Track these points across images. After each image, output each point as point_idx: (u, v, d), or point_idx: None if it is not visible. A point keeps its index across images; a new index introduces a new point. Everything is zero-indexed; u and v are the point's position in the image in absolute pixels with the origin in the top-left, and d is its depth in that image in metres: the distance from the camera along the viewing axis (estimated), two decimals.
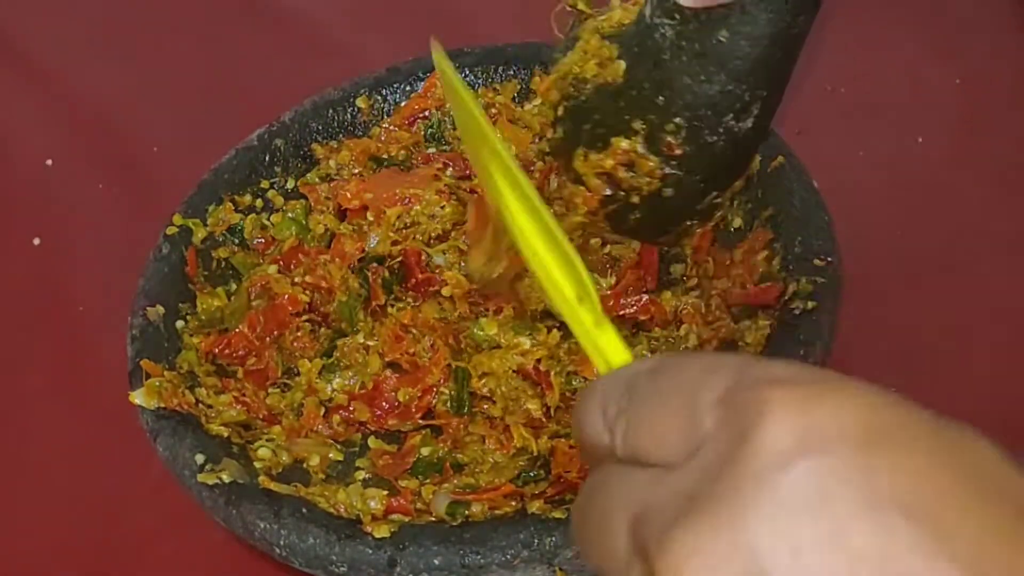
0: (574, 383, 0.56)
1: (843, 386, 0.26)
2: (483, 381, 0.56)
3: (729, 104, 0.48)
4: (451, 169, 0.66)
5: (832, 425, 0.25)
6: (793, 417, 0.25)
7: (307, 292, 0.61)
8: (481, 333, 0.57)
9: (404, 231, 0.63)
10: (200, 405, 0.55)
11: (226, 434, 0.54)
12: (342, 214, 0.65)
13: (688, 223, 0.54)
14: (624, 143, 0.50)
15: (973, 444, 0.26)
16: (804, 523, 0.24)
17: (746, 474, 0.25)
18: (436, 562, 0.47)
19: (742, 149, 0.51)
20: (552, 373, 0.56)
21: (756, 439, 0.25)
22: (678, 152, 0.49)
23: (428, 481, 0.53)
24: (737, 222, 0.60)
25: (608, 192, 0.52)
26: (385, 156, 0.68)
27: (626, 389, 0.29)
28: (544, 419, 0.56)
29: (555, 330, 0.57)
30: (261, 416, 0.57)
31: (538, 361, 0.56)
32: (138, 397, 0.54)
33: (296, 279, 0.62)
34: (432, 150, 0.68)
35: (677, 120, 0.49)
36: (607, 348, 0.35)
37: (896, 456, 0.24)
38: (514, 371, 0.56)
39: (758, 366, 0.27)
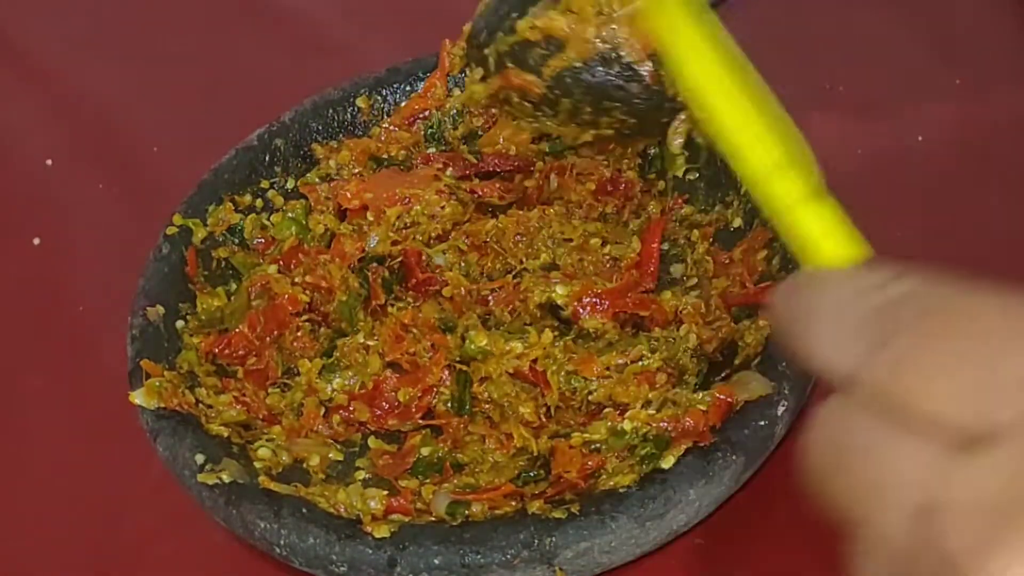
0: (573, 382, 0.56)
1: None
2: (483, 386, 0.56)
3: None
4: (451, 169, 0.66)
5: None
6: None
7: (307, 292, 0.61)
8: (473, 347, 0.57)
9: (404, 231, 0.63)
10: (200, 405, 0.55)
11: (226, 434, 0.54)
12: (342, 214, 0.65)
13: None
14: None
15: None
16: None
17: None
18: (436, 562, 0.47)
19: None
20: (549, 372, 0.56)
21: None
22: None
23: (428, 481, 0.53)
24: (737, 222, 0.60)
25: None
26: (385, 156, 0.68)
27: (885, 317, 0.26)
28: (544, 419, 0.56)
29: (547, 330, 0.57)
30: (261, 416, 0.57)
31: (534, 361, 0.56)
32: (138, 397, 0.54)
33: (296, 279, 0.62)
34: (432, 150, 0.68)
35: None
36: (815, 231, 0.30)
37: None
38: (510, 374, 0.56)
39: None
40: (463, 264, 0.62)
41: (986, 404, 0.24)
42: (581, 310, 0.58)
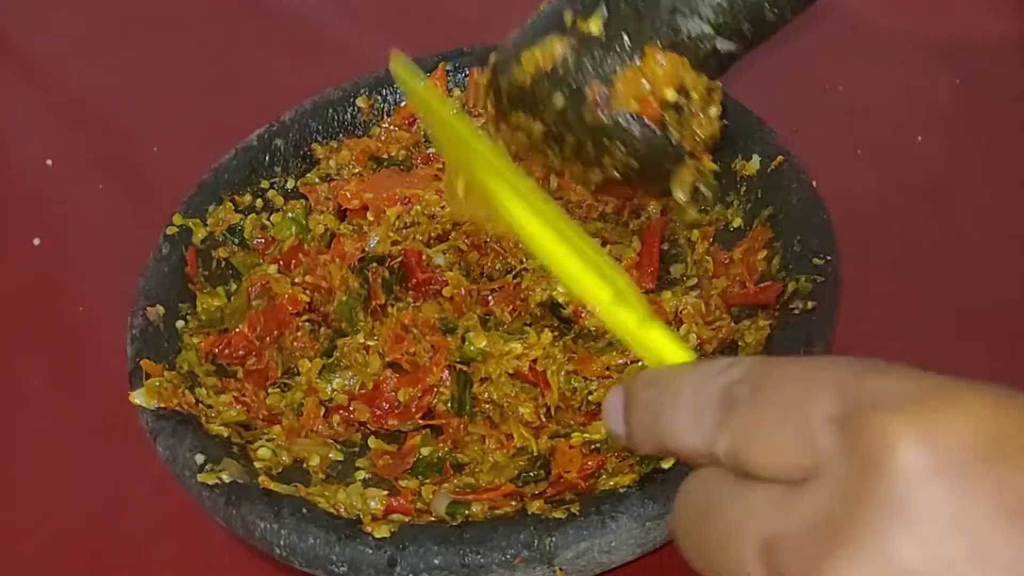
0: (573, 382, 0.56)
1: (959, 395, 0.27)
2: (483, 387, 0.56)
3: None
4: None
5: (959, 440, 0.26)
6: (920, 440, 0.26)
7: (307, 292, 0.61)
8: (472, 348, 0.57)
9: (404, 231, 0.63)
10: (200, 405, 0.55)
11: (226, 434, 0.54)
12: (342, 214, 0.65)
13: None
14: None
15: None
16: (951, 541, 0.25)
17: (884, 500, 0.26)
18: (436, 562, 0.47)
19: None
20: (549, 372, 0.56)
21: (887, 465, 0.26)
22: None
23: (428, 481, 0.53)
24: (737, 222, 0.60)
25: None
26: (385, 156, 0.68)
27: (722, 399, 0.30)
28: (544, 419, 0.56)
29: (547, 330, 0.57)
30: (261, 416, 0.57)
31: (533, 362, 0.56)
32: (138, 397, 0.54)
33: (296, 279, 0.62)
34: (432, 150, 0.68)
35: None
36: (658, 347, 0.35)
37: None
38: (510, 374, 0.56)
39: (864, 380, 0.28)
40: (463, 264, 0.62)
41: (805, 446, 0.27)
42: (582, 309, 0.58)
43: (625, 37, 0.51)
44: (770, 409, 0.29)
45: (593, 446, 0.53)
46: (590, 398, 0.55)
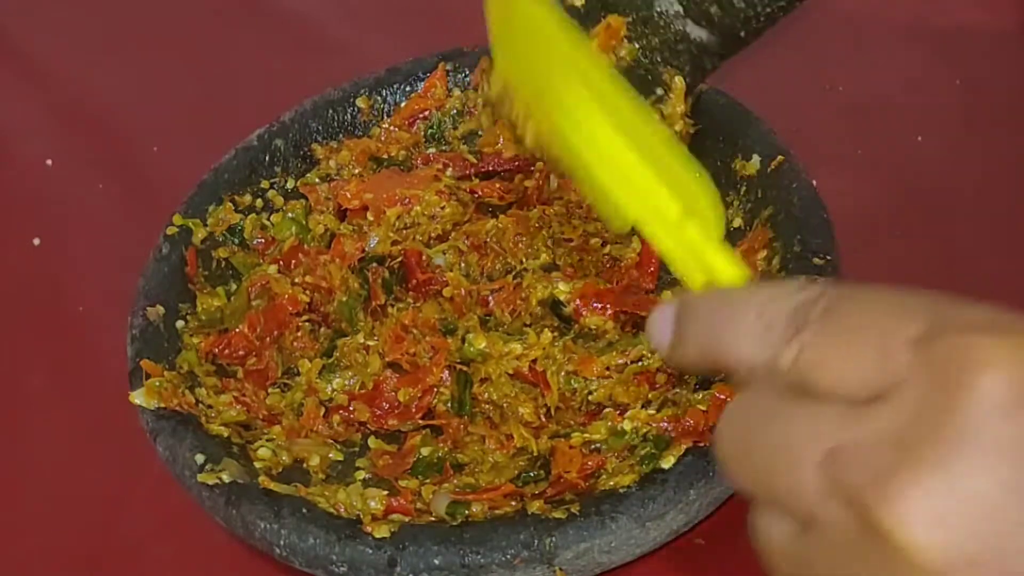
0: (573, 383, 0.56)
1: None
2: (483, 387, 0.56)
3: None
4: (451, 169, 0.66)
5: None
6: (1008, 368, 0.25)
7: (307, 292, 0.61)
8: (472, 349, 0.57)
9: (404, 231, 0.63)
10: (200, 405, 0.55)
11: (226, 434, 0.54)
12: (342, 214, 0.65)
13: None
14: None
15: None
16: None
17: (967, 424, 0.25)
18: (436, 562, 0.47)
19: None
20: (549, 373, 0.56)
21: (974, 388, 0.25)
22: None
23: (428, 481, 0.53)
24: (737, 222, 0.60)
25: None
26: (385, 156, 0.68)
27: (792, 315, 0.29)
28: (544, 420, 0.56)
29: (547, 330, 0.57)
30: (261, 416, 0.57)
31: (533, 362, 0.56)
32: (138, 397, 0.54)
33: (296, 279, 0.62)
34: (432, 150, 0.68)
35: None
36: (720, 269, 0.34)
37: None
38: (510, 375, 0.56)
39: (952, 310, 0.27)
40: (463, 264, 0.62)
41: (881, 363, 0.27)
42: (583, 308, 0.58)
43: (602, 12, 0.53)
44: (846, 326, 0.28)
45: (593, 446, 0.53)
46: (590, 398, 0.55)
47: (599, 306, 0.58)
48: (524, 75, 0.44)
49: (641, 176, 0.35)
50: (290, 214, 0.65)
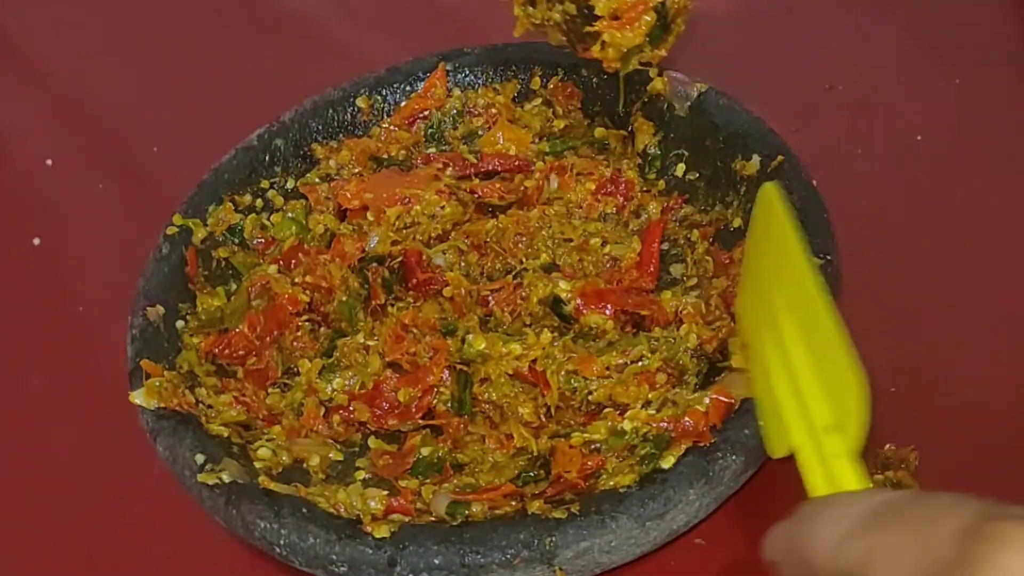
0: (573, 382, 0.56)
1: None
2: (483, 387, 0.56)
3: None
4: (451, 169, 0.66)
5: None
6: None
7: (307, 292, 0.61)
8: (472, 350, 0.57)
9: (404, 231, 0.63)
10: (200, 405, 0.55)
11: (226, 434, 0.54)
12: (342, 214, 0.65)
13: None
14: None
15: None
16: None
17: None
18: (436, 562, 0.47)
19: None
20: (548, 372, 0.56)
21: (987, 566, 0.28)
22: None
23: (428, 481, 0.53)
24: (737, 222, 0.60)
25: None
26: (385, 156, 0.68)
27: (863, 516, 0.32)
28: (544, 419, 0.56)
29: (546, 330, 0.57)
30: (261, 416, 0.57)
31: (533, 362, 0.56)
32: (138, 397, 0.54)
33: (296, 279, 0.62)
34: (432, 150, 0.68)
35: None
36: (841, 477, 0.38)
37: None
38: (510, 375, 0.56)
39: (1001, 506, 0.29)
40: (463, 264, 0.62)
41: (930, 555, 0.29)
42: (584, 307, 0.58)
43: None
44: (906, 521, 0.31)
45: (593, 446, 0.53)
46: (590, 398, 0.55)
47: (600, 305, 0.58)
48: (757, 263, 0.51)
49: (811, 382, 0.41)
50: (290, 214, 0.65)
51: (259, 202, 0.65)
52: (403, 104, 0.69)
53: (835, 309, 0.42)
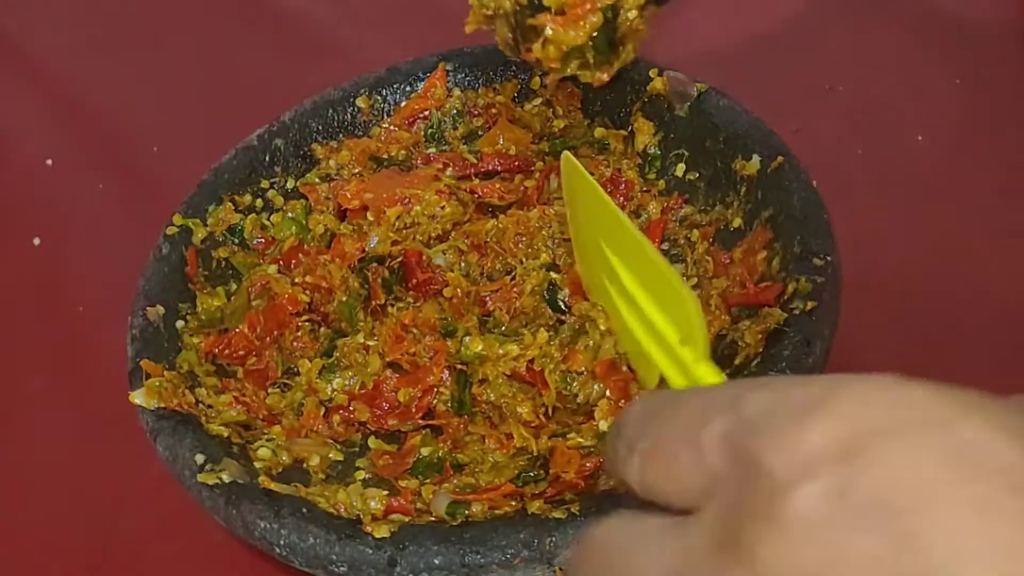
0: (571, 382, 0.56)
1: (819, 410, 0.27)
2: (481, 388, 0.56)
3: None
4: (451, 169, 0.66)
5: (818, 452, 0.27)
6: (786, 456, 0.27)
7: (307, 292, 0.61)
8: (468, 352, 0.57)
9: (404, 231, 0.63)
10: (200, 405, 0.55)
11: (226, 434, 0.54)
12: (342, 214, 0.65)
13: None
14: None
15: (958, 423, 0.29)
16: (813, 548, 0.26)
17: (757, 512, 0.27)
18: (436, 562, 0.47)
19: None
20: (546, 371, 0.56)
21: (759, 484, 0.27)
22: None
23: (428, 481, 0.53)
24: (737, 222, 0.60)
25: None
26: (385, 156, 0.68)
27: (642, 420, 0.31)
28: (543, 419, 0.56)
29: (542, 330, 0.57)
30: (261, 416, 0.57)
31: (531, 361, 0.56)
32: (138, 397, 0.54)
33: (296, 279, 0.62)
34: (432, 150, 0.68)
35: None
36: (703, 379, 0.40)
37: (876, 463, 0.26)
38: (508, 375, 0.56)
39: (747, 404, 0.29)
40: (463, 264, 0.62)
41: (703, 471, 0.29)
42: (579, 294, 0.58)
43: None
44: (669, 434, 0.30)
45: (584, 449, 0.53)
46: (578, 400, 0.55)
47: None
48: (578, 226, 0.55)
49: (652, 309, 0.45)
50: (290, 214, 0.65)
51: (259, 202, 0.65)
52: (403, 104, 0.69)
53: (649, 241, 0.47)
